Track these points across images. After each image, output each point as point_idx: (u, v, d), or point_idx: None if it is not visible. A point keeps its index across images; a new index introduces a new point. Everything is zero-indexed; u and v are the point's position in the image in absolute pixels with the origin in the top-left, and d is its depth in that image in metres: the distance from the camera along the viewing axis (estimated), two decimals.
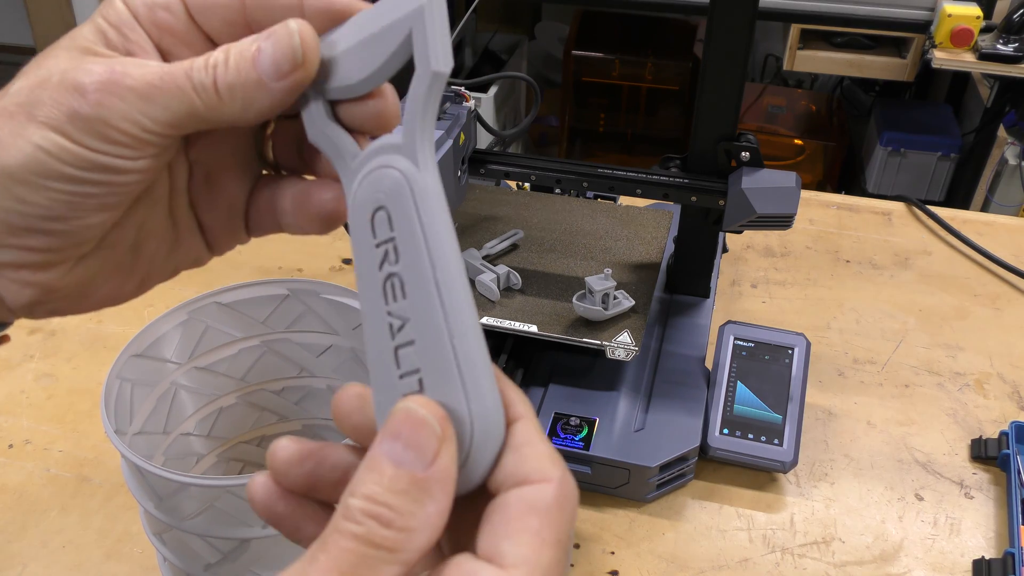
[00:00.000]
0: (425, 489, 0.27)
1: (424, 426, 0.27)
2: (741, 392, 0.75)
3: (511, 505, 0.28)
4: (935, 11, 1.78)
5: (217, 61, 0.31)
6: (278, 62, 0.31)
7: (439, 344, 0.29)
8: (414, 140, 0.30)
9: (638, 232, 0.87)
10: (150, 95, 0.31)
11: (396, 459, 0.27)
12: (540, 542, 0.27)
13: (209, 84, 0.31)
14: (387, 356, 0.30)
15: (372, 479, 0.26)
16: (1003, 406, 0.83)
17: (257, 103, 0.32)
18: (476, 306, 0.29)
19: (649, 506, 0.73)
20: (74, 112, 0.31)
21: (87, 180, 0.31)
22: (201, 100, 0.31)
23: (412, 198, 0.29)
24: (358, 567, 0.26)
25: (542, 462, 0.29)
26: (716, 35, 0.70)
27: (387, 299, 0.29)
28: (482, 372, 0.29)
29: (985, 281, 0.99)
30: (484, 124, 0.83)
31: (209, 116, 0.32)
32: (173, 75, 0.31)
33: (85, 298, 0.35)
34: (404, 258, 0.29)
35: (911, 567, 0.69)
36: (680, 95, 2.31)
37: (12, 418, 0.80)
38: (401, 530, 0.26)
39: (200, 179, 0.38)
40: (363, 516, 0.26)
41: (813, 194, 1.12)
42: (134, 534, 0.70)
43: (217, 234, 0.39)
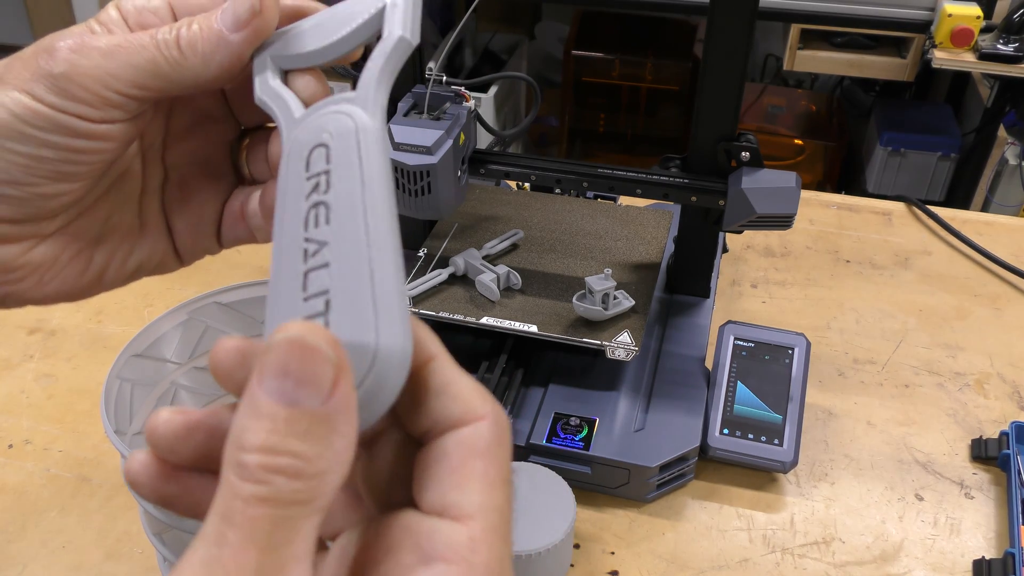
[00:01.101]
0: (329, 424, 0.23)
1: (318, 354, 0.23)
2: (741, 392, 0.75)
3: (450, 452, 0.26)
4: (935, 11, 1.78)
5: (182, 24, 0.33)
6: (237, 13, 0.32)
7: (356, 271, 0.27)
8: (368, 93, 0.30)
9: (638, 232, 0.87)
10: (114, 52, 0.32)
11: (288, 398, 0.23)
12: (489, 485, 0.25)
13: (172, 41, 0.32)
14: (294, 282, 0.28)
15: (264, 427, 0.23)
16: (1003, 406, 0.83)
17: (217, 56, 0.32)
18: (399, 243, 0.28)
19: (649, 506, 0.73)
20: (41, 70, 0.31)
21: (46, 142, 0.32)
22: (164, 56, 0.32)
23: (356, 137, 0.29)
24: (275, 533, 0.22)
25: (471, 400, 0.27)
26: (716, 35, 0.70)
27: (307, 226, 0.28)
28: (397, 306, 0.27)
29: (985, 281, 0.99)
30: (484, 124, 0.83)
31: (171, 73, 0.32)
32: (138, 36, 0.33)
33: (40, 286, 0.35)
34: (336, 187, 0.29)
35: (911, 567, 0.69)
36: (680, 95, 2.31)
37: (12, 418, 0.80)
38: (312, 477, 0.23)
39: (175, 184, 0.38)
40: (265, 473, 0.22)
41: (813, 194, 1.12)
42: (134, 534, 0.70)
43: (187, 240, 0.40)
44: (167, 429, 0.27)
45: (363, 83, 0.31)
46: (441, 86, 0.77)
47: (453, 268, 0.80)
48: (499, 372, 0.75)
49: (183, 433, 0.27)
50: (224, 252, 0.41)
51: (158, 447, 0.27)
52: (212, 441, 0.27)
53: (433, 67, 0.77)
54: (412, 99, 0.76)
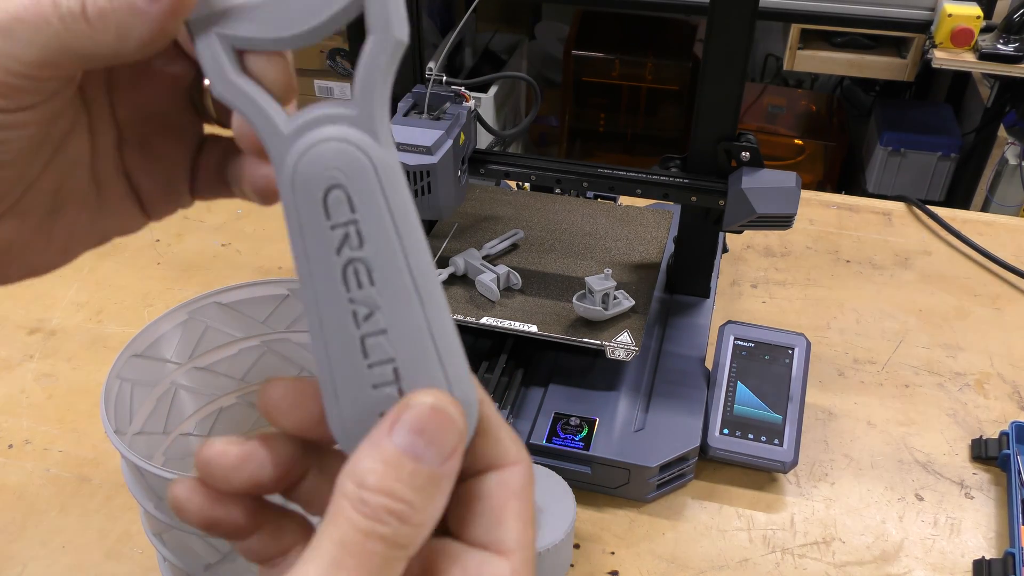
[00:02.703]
0: (439, 484, 0.26)
1: (452, 424, 0.27)
2: (741, 392, 0.75)
3: (493, 491, 0.28)
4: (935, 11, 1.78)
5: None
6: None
7: (417, 333, 0.27)
8: (372, 113, 0.27)
9: (638, 232, 0.87)
10: (13, 29, 0.27)
11: (417, 454, 0.26)
12: (525, 524, 0.28)
13: (77, 11, 0.27)
14: (350, 344, 0.28)
15: (392, 475, 0.26)
16: (1003, 406, 0.83)
17: (135, 31, 0.28)
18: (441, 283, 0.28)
19: (649, 506, 0.73)
20: None
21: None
22: (70, 30, 0.28)
23: (376, 177, 0.27)
24: (383, 568, 0.25)
25: (510, 445, 0.29)
26: (716, 35, 0.70)
27: (348, 285, 0.27)
28: (461, 360, 0.28)
29: (985, 281, 0.99)
30: (484, 124, 0.83)
31: (83, 49, 0.28)
32: (39, 4, 0.28)
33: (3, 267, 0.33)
34: (371, 243, 0.27)
35: (911, 567, 0.69)
36: (680, 95, 2.31)
37: (12, 418, 0.80)
38: (416, 526, 0.26)
39: (134, 143, 0.35)
40: (385, 513, 0.25)
41: (813, 194, 1.12)
42: (134, 534, 0.70)
43: (155, 199, 0.36)
44: (224, 461, 0.29)
45: (363, 101, 0.27)
46: (441, 86, 0.77)
47: (453, 268, 0.80)
48: (499, 372, 0.75)
49: (238, 464, 0.29)
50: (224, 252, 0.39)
51: (213, 477, 0.29)
52: (262, 470, 0.29)
53: (433, 67, 0.77)
54: (412, 99, 0.76)
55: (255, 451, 0.29)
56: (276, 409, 0.29)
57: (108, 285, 0.96)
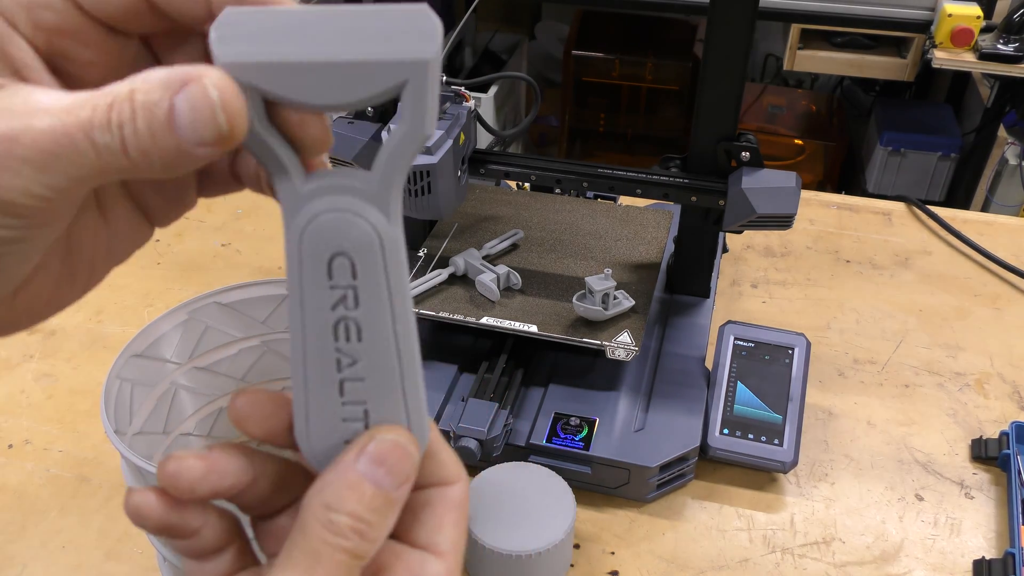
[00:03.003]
0: (392, 506, 0.31)
1: (409, 458, 0.32)
2: (741, 392, 0.75)
3: (436, 504, 0.34)
4: (935, 11, 1.78)
5: (123, 119, 0.26)
6: (200, 133, 0.26)
7: (391, 390, 0.31)
8: (389, 192, 0.28)
9: (638, 232, 0.87)
10: (47, 165, 0.26)
11: (377, 481, 0.31)
12: (459, 531, 0.34)
13: (117, 147, 0.26)
14: (329, 383, 0.31)
15: (354, 498, 0.30)
16: (1003, 406, 0.83)
17: (179, 165, 0.27)
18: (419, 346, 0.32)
19: (649, 506, 0.73)
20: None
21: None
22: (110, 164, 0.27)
23: (382, 253, 0.29)
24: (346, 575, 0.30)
25: (453, 465, 0.34)
26: (716, 35, 0.70)
27: (337, 337, 0.30)
28: (422, 403, 0.32)
29: (985, 281, 0.99)
30: (484, 124, 0.83)
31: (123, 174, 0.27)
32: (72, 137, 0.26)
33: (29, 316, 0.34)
34: (365, 308, 0.30)
35: (911, 567, 0.69)
36: (680, 95, 2.31)
37: (12, 418, 0.80)
38: (372, 541, 0.31)
39: None
40: (351, 532, 0.30)
41: (813, 194, 1.12)
42: (134, 534, 0.70)
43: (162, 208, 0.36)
44: (190, 475, 0.31)
45: (383, 180, 0.28)
46: (441, 86, 0.77)
47: (453, 268, 0.80)
48: (499, 372, 0.75)
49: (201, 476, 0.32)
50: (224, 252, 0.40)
51: (176, 489, 0.31)
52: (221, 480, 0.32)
53: None
54: None
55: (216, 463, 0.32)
56: (246, 418, 0.33)
57: (108, 285, 0.96)
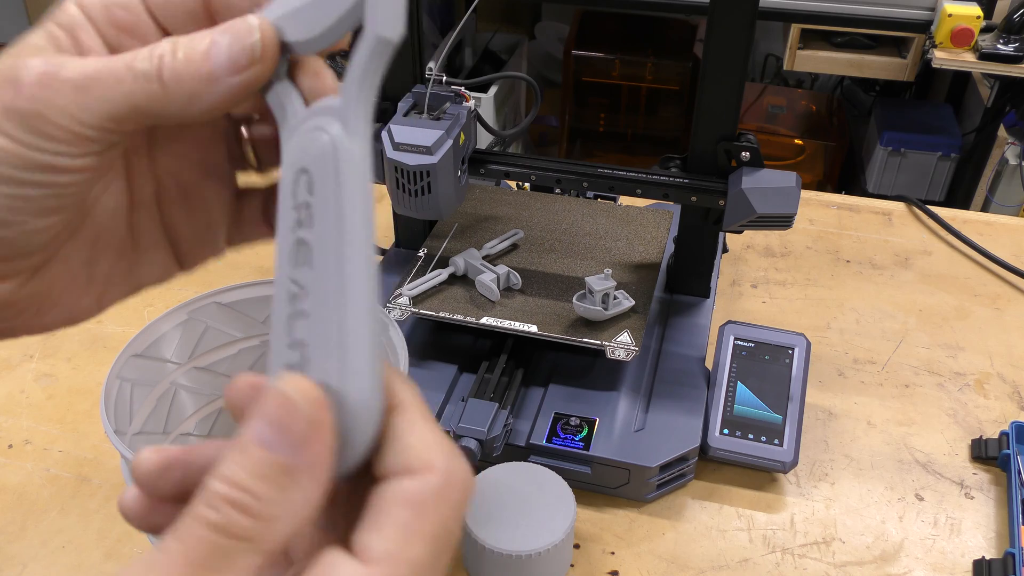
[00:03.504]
0: (292, 476, 0.25)
1: (295, 410, 0.25)
2: (741, 392, 0.75)
3: (385, 496, 0.26)
4: (935, 11, 1.78)
5: (164, 51, 0.29)
6: (234, 57, 0.29)
7: (328, 322, 0.27)
8: (348, 104, 0.28)
9: (638, 232, 0.87)
10: (87, 86, 0.29)
11: (264, 442, 0.25)
12: (408, 535, 0.25)
13: (153, 73, 0.29)
14: (281, 320, 0.29)
15: (236, 461, 0.25)
16: (1003, 406, 0.83)
17: (206, 97, 0.30)
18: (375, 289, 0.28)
19: (649, 506, 0.73)
20: (9, 107, 0.29)
21: (27, 181, 0.30)
22: (143, 90, 0.29)
23: (334, 164, 0.28)
24: (211, 557, 0.24)
25: (423, 452, 0.27)
26: (716, 35, 0.70)
27: (294, 264, 0.28)
28: (363, 356, 0.27)
29: (985, 281, 0.99)
30: (484, 124, 0.83)
31: (151, 108, 0.29)
32: (112, 65, 0.29)
33: (40, 316, 0.34)
34: (316, 226, 0.28)
35: (911, 567, 0.69)
36: (680, 95, 2.31)
37: (12, 418, 0.80)
38: (260, 518, 0.24)
39: (173, 193, 0.36)
40: (221, 502, 0.24)
41: (813, 194, 1.12)
42: (134, 534, 0.70)
43: (192, 248, 0.37)
44: (146, 467, 0.29)
45: (344, 94, 0.28)
46: (441, 86, 0.77)
47: (453, 268, 0.80)
48: (499, 372, 0.75)
49: (160, 470, 0.29)
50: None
51: (140, 483, 0.29)
52: (189, 474, 0.29)
53: (433, 67, 0.77)
54: (412, 99, 0.76)
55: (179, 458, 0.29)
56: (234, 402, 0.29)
57: None
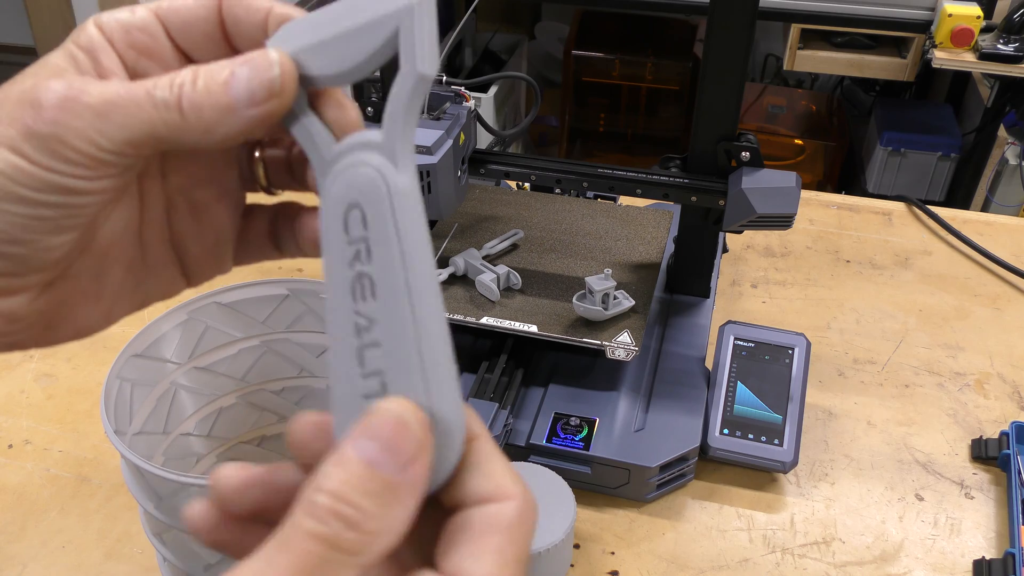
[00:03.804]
0: (395, 493, 0.26)
1: (407, 431, 0.27)
2: (741, 392, 0.75)
3: (474, 523, 0.28)
4: (935, 11, 1.78)
5: (184, 80, 0.30)
6: (253, 90, 0.30)
7: (405, 349, 0.28)
8: (394, 139, 0.29)
9: (638, 232, 0.87)
10: (107, 112, 0.30)
11: (371, 460, 0.26)
12: (502, 560, 0.27)
13: (172, 102, 0.30)
14: (351, 354, 0.29)
15: (341, 477, 0.26)
16: (1003, 406, 0.83)
17: (223, 127, 0.30)
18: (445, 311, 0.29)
19: (649, 506, 0.73)
20: (29, 130, 0.30)
21: (43, 202, 0.30)
22: (162, 118, 0.30)
23: (388, 199, 0.29)
24: (317, 568, 0.25)
25: (504, 480, 0.29)
26: (716, 35, 0.70)
27: (355, 297, 0.29)
28: (446, 379, 0.29)
29: (985, 281, 0.99)
30: (484, 124, 0.83)
31: (169, 136, 0.30)
32: (133, 92, 0.30)
33: (49, 330, 0.34)
34: (377, 259, 0.29)
35: (911, 567, 0.69)
36: (680, 95, 2.31)
37: (12, 418, 0.80)
38: (366, 533, 0.25)
39: (183, 210, 0.37)
40: (329, 515, 0.25)
41: (813, 194, 1.12)
42: (134, 534, 0.70)
43: (199, 265, 0.38)
44: (227, 484, 0.30)
45: (387, 129, 0.29)
46: (441, 86, 0.77)
47: (453, 268, 0.80)
48: (499, 372, 0.75)
49: (242, 487, 0.30)
50: None
51: (219, 499, 0.30)
52: (268, 496, 0.30)
53: None
54: None
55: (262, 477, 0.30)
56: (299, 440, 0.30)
57: None
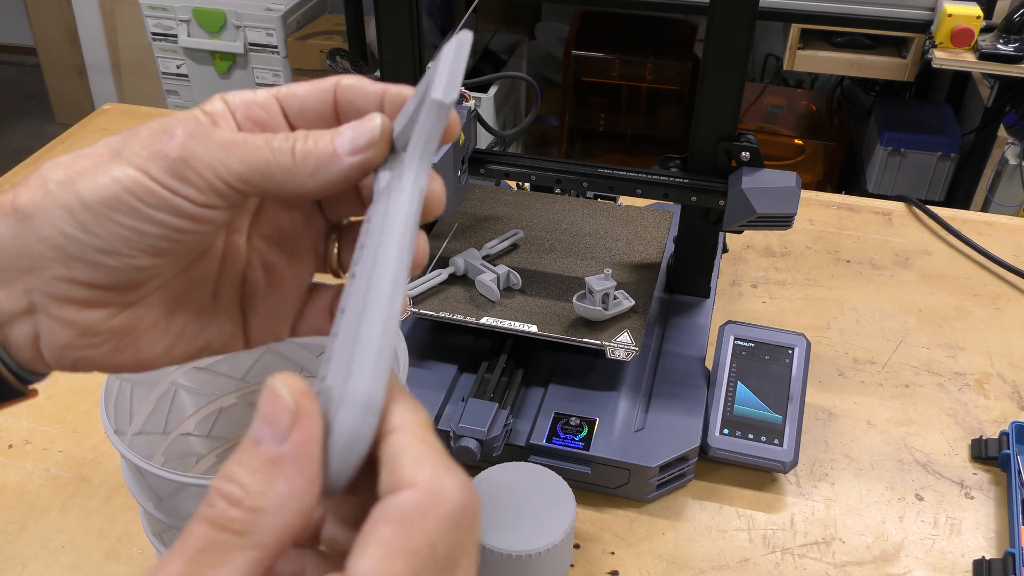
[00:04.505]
0: (277, 466, 0.26)
1: (279, 400, 0.27)
2: (741, 392, 0.75)
3: (372, 516, 0.26)
4: (935, 11, 1.78)
5: (298, 136, 0.34)
6: (355, 140, 0.33)
7: (348, 337, 0.29)
8: (403, 158, 0.32)
9: (638, 232, 0.87)
10: (231, 147, 0.33)
11: (255, 435, 0.26)
12: (389, 553, 0.25)
13: (287, 148, 0.33)
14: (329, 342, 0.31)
15: (235, 458, 0.26)
16: (1003, 406, 0.83)
17: (326, 171, 0.33)
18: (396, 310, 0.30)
19: (649, 506, 0.73)
20: (159, 152, 0.32)
21: (152, 219, 0.32)
22: (276, 160, 0.33)
23: (385, 208, 0.31)
24: (206, 553, 0.25)
25: (407, 470, 0.27)
26: (716, 35, 0.70)
27: (346, 293, 0.32)
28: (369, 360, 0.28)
29: (985, 281, 0.99)
30: (484, 124, 0.83)
31: (280, 176, 0.33)
32: (253, 137, 0.34)
33: (115, 353, 0.36)
34: (360, 262, 0.31)
35: (911, 567, 0.69)
36: (680, 95, 2.31)
37: (12, 418, 0.80)
38: (250, 511, 0.25)
39: (259, 271, 0.39)
40: (216, 496, 0.25)
41: (813, 194, 1.12)
42: (134, 534, 0.70)
43: (260, 325, 0.40)
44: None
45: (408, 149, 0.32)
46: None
47: (453, 268, 0.80)
48: (499, 372, 0.75)
49: None
50: None
51: None
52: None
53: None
54: None
55: None
56: None
57: None
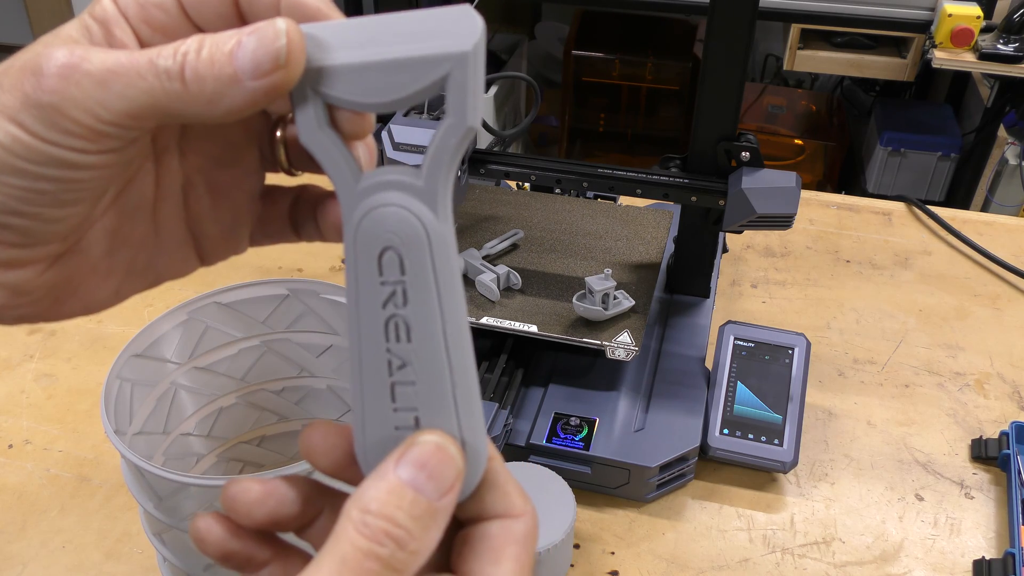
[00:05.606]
0: (435, 516, 0.29)
1: (451, 463, 0.30)
2: (741, 392, 0.75)
3: (495, 536, 0.31)
4: (935, 11, 1.78)
5: (188, 49, 0.29)
6: (259, 60, 0.29)
7: (441, 391, 0.30)
8: (436, 188, 0.29)
9: (638, 232, 0.87)
10: (107, 81, 0.28)
11: (417, 486, 0.29)
12: (520, 568, 0.31)
13: (175, 71, 0.29)
14: (381, 388, 0.31)
15: (393, 503, 0.28)
16: (1003, 406, 0.83)
17: (227, 99, 0.29)
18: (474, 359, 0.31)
19: (649, 506, 0.73)
20: (28, 99, 0.28)
21: (42, 175, 0.29)
22: (164, 88, 0.29)
23: (429, 249, 0.29)
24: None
25: (518, 499, 0.32)
26: (716, 35, 0.70)
27: (388, 337, 0.30)
28: (475, 414, 0.31)
29: (985, 281, 0.99)
30: (484, 124, 0.83)
31: (172, 107, 0.29)
32: (135, 60, 0.29)
33: (57, 304, 0.34)
34: (413, 305, 0.30)
35: (911, 567, 0.69)
36: (680, 95, 2.31)
37: (12, 418, 0.80)
38: (411, 553, 0.28)
39: (202, 189, 0.36)
40: (384, 536, 0.28)
41: (813, 194, 1.12)
42: (134, 534, 0.70)
43: (215, 245, 0.37)
44: (246, 498, 0.32)
45: (430, 176, 0.29)
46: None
47: None
48: (499, 372, 0.75)
49: (260, 500, 0.32)
50: None
51: (237, 512, 0.32)
52: (279, 508, 0.32)
53: None
54: None
55: (277, 488, 0.33)
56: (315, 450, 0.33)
57: None
